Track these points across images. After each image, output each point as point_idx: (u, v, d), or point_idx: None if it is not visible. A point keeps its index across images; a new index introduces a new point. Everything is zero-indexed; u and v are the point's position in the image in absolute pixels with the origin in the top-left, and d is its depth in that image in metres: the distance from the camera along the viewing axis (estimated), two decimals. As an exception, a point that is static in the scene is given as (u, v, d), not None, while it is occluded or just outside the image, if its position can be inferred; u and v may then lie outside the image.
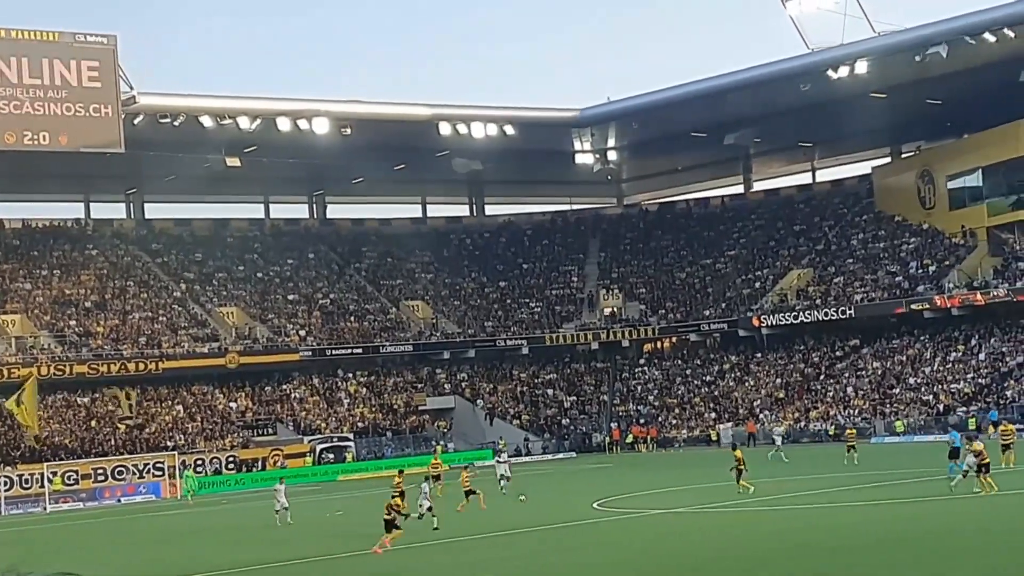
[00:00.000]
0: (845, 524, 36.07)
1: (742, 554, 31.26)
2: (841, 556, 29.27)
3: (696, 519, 41.91)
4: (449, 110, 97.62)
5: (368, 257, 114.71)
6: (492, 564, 33.25)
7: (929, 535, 32.01)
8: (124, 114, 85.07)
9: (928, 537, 31.67)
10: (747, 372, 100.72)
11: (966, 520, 35.13)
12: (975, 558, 27.55)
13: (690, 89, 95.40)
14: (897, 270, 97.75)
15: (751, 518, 40.34)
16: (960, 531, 32.63)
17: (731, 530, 37.19)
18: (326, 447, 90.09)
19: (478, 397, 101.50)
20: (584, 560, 32.48)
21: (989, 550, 28.69)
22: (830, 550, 30.45)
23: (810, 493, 47.17)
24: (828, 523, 36.89)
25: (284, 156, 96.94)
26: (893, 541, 31.25)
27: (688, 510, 44.27)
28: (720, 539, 34.99)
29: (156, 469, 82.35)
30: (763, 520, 39.52)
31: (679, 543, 34.86)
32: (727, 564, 29.67)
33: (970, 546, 29.57)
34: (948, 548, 29.55)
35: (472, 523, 43.66)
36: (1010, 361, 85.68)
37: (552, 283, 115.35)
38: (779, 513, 41.64)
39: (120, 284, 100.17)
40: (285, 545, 41.79)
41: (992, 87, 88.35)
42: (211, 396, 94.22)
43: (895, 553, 29.24)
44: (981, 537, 31.21)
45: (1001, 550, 28.46)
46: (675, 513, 43.78)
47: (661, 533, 38.07)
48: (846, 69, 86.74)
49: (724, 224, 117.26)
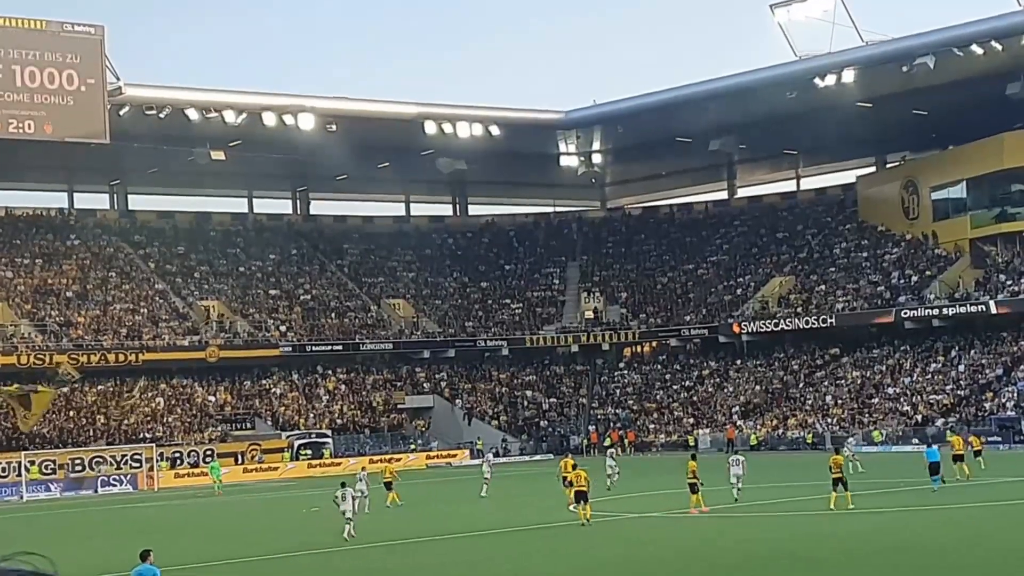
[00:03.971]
0: (819, 533, 36.10)
1: (713, 561, 31.27)
2: (815, 565, 29.30)
3: (670, 524, 41.92)
4: (434, 109, 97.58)
5: (350, 254, 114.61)
6: (459, 566, 33.19)
7: (904, 546, 32.03)
8: (110, 105, 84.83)
9: (902, 549, 31.69)
10: (726, 378, 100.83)
11: (943, 531, 35.19)
12: (951, 570, 27.61)
13: (676, 94, 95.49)
14: (879, 280, 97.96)
15: (723, 525, 40.35)
16: (937, 542, 32.68)
17: (703, 536, 37.19)
18: (304, 443, 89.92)
19: (457, 397, 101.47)
20: (553, 565, 32.45)
21: (966, 562, 28.74)
22: (804, 559, 30.48)
23: (785, 501, 47.18)
24: (802, 532, 36.92)
25: (269, 151, 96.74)
26: (866, 551, 31.28)
27: (662, 515, 44.27)
28: (692, 545, 34.99)
29: (133, 461, 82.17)
30: (735, 527, 39.54)
31: (651, 548, 34.84)
32: (698, 570, 29.67)
33: (945, 559, 29.63)
34: (924, 559, 29.58)
35: (439, 524, 43.61)
36: (989, 374, 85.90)
37: (533, 285, 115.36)
38: (751, 520, 41.68)
39: (102, 275, 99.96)
40: (256, 541, 41.70)
41: (978, 99, 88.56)
42: (190, 389, 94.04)
43: (867, 564, 29.29)
44: (958, 548, 31.28)
45: (980, 562, 28.51)
46: (649, 517, 43.80)
47: (634, 538, 38.05)
48: (833, 78, 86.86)
49: (707, 230, 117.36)
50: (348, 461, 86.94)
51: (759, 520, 41.68)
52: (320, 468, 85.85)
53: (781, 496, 48.94)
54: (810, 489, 50.68)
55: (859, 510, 41.19)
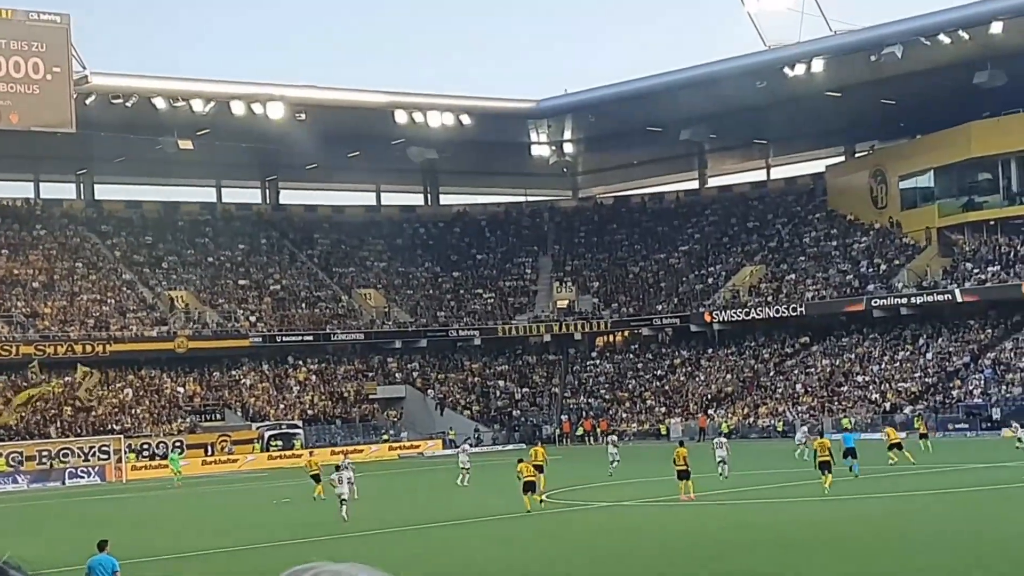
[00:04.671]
0: (789, 520, 36.13)
1: (685, 548, 31.26)
2: (790, 551, 29.31)
3: (642, 512, 41.93)
4: (405, 98, 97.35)
5: (321, 244, 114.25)
6: (434, 555, 33.09)
7: (871, 531, 32.08)
8: (76, 94, 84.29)
9: (869, 533, 31.74)
10: (698, 367, 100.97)
11: (913, 518, 35.28)
12: (918, 554, 27.67)
13: (647, 84, 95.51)
14: (848, 269, 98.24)
15: (696, 512, 40.36)
16: (908, 529, 32.75)
17: (676, 524, 37.21)
18: (274, 434, 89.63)
19: (429, 387, 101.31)
20: (527, 553, 32.38)
21: (926, 545, 28.81)
22: (776, 545, 30.47)
23: (756, 488, 47.25)
24: (773, 519, 36.94)
25: (237, 140, 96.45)
26: (833, 537, 31.33)
27: (635, 503, 44.27)
28: (664, 533, 34.98)
29: (101, 452, 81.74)
30: (708, 515, 39.55)
31: (624, 536, 34.79)
32: (671, 558, 29.66)
33: (910, 543, 29.69)
34: (891, 544, 29.61)
35: (419, 513, 43.52)
36: (956, 361, 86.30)
37: (505, 274, 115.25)
38: (723, 509, 41.75)
39: (69, 265, 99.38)
40: (226, 533, 41.52)
41: (946, 89, 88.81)
42: (159, 380, 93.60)
43: (835, 549, 29.34)
44: (914, 534, 31.37)
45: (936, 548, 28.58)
46: (622, 506, 43.80)
47: (607, 526, 38.02)
48: (802, 67, 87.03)
49: (678, 219, 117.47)
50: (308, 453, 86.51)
51: (743, 507, 41.73)
52: (282, 459, 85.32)
53: (759, 483, 48.96)
54: (785, 476, 50.84)
55: (837, 496, 41.30)
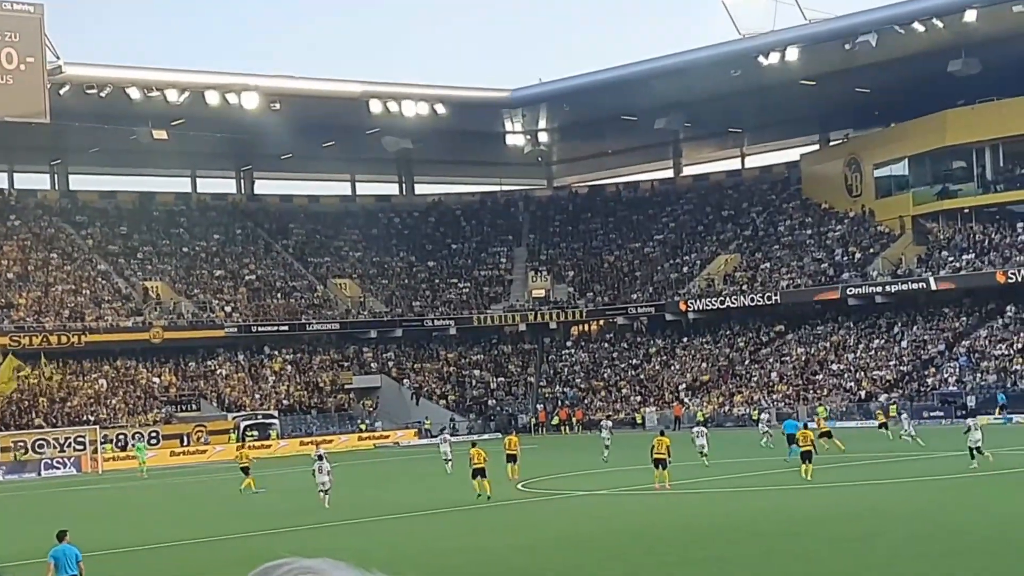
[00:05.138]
0: (763, 509, 36.28)
1: (661, 536, 31.35)
2: (762, 539, 29.42)
3: (617, 501, 42.01)
4: (380, 87, 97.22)
5: (296, 234, 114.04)
6: (412, 544, 33.13)
7: (846, 519, 32.22)
8: (50, 84, 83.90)
9: (841, 521, 31.87)
10: (673, 356, 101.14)
11: (889, 506, 35.45)
12: (885, 543, 27.79)
13: (621, 72, 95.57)
14: (823, 257, 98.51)
15: (671, 501, 40.48)
16: (884, 516, 32.90)
17: (651, 513, 37.31)
18: (250, 424, 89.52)
19: (404, 377, 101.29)
20: (503, 542, 32.45)
21: (900, 535, 28.95)
22: (751, 533, 30.58)
23: (731, 477, 47.39)
24: (747, 507, 37.08)
25: (212, 130, 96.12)
26: (806, 526, 31.47)
27: (610, 492, 44.36)
28: (639, 521, 35.06)
29: (77, 443, 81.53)
30: (683, 503, 39.68)
31: (599, 525, 34.89)
32: (646, 546, 29.74)
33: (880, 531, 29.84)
34: (867, 532, 29.75)
35: (395, 502, 43.54)
36: (931, 349, 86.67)
37: (481, 264, 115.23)
38: (698, 497, 41.88)
39: (43, 256, 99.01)
40: (200, 523, 41.49)
41: (920, 77, 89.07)
42: (134, 371, 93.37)
43: (809, 539, 29.48)
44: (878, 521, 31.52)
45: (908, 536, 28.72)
46: (597, 495, 43.89)
47: (582, 515, 38.10)
48: (776, 56, 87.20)
49: (653, 208, 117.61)
50: (279, 443, 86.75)
51: (720, 495, 41.86)
52: (251, 450, 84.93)
53: (735, 472, 49.11)
54: (761, 464, 51.02)
55: (816, 484, 41.49)
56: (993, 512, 32.31)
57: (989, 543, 26.90)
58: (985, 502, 34.82)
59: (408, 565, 26.91)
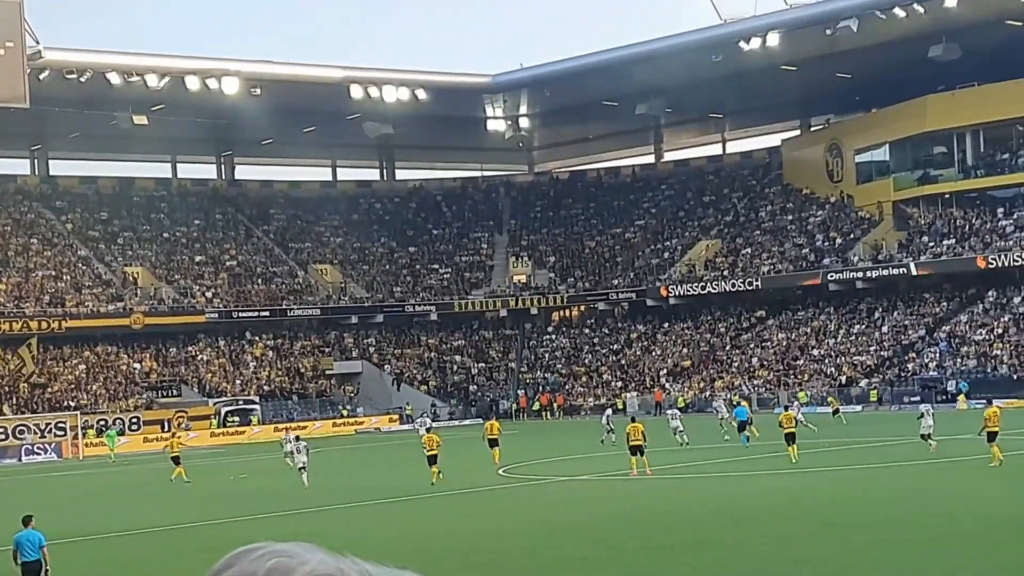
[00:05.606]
0: (742, 494, 36.36)
1: (641, 522, 31.39)
2: (746, 524, 29.48)
3: (598, 487, 42.05)
4: (361, 73, 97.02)
5: (277, 219, 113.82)
6: (391, 529, 33.14)
7: (828, 504, 32.32)
8: (29, 69, 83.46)
9: (825, 506, 31.97)
10: (654, 341, 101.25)
11: (867, 491, 35.56)
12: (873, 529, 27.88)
13: (602, 58, 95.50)
14: (804, 242, 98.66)
15: (652, 487, 40.54)
16: (862, 500, 33.02)
17: (632, 498, 37.34)
18: (231, 410, 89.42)
19: (385, 362, 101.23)
20: (485, 527, 32.47)
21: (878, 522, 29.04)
22: (734, 518, 30.64)
23: (711, 463, 47.47)
24: (730, 492, 37.16)
25: (192, 115, 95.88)
26: (790, 510, 31.55)
27: (591, 478, 44.40)
28: (620, 507, 35.09)
29: (58, 429, 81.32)
30: (664, 489, 39.75)
31: (579, 510, 34.91)
32: (627, 531, 29.76)
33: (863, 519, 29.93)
34: (851, 517, 29.84)
35: (377, 488, 43.53)
36: (912, 334, 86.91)
37: (462, 249, 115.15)
38: (679, 482, 41.96)
39: (23, 241, 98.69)
40: (180, 508, 41.42)
41: (901, 62, 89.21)
42: (115, 356, 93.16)
43: (787, 523, 29.56)
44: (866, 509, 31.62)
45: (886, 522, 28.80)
46: (578, 480, 43.93)
47: (563, 500, 38.13)
48: (758, 41, 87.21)
49: (634, 194, 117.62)
50: (252, 430, 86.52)
51: (699, 480, 41.96)
52: (224, 436, 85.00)
53: (715, 457, 49.21)
54: (740, 449, 51.14)
55: (800, 469, 41.60)
56: (974, 497, 32.41)
57: (973, 529, 27.00)
58: (968, 488, 34.92)
59: (385, 552, 26.84)
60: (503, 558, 27.18)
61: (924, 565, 23.45)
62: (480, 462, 50.52)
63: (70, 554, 30.67)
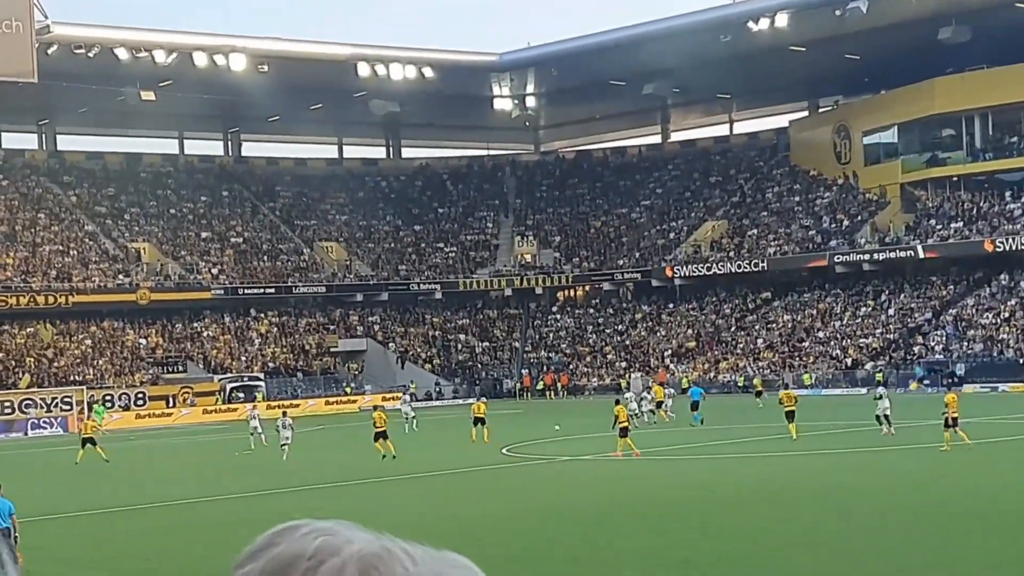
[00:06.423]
0: (748, 476, 36.32)
1: (644, 502, 31.40)
2: (746, 507, 29.50)
3: (601, 467, 42.07)
4: (368, 50, 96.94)
5: (283, 196, 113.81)
6: (393, 509, 33.13)
7: (828, 487, 32.32)
8: (38, 44, 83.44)
9: (826, 489, 31.98)
10: (659, 322, 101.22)
11: (870, 475, 35.57)
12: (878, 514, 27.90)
13: (610, 37, 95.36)
14: (811, 224, 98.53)
15: (655, 467, 40.57)
16: (870, 484, 33.02)
17: (635, 478, 37.37)
18: (236, 386, 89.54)
19: (390, 340, 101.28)
20: (487, 507, 32.48)
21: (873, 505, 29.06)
22: (734, 501, 30.65)
23: (716, 444, 47.46)
24: (731, 474, 37.14)
25: (199, 92, 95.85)
26: (792, 494, 31.57)
27: (594, 458, 44.42)
28: (624, 487, 35.10)
29: (64, 403, 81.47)
30: (668, 470, 39.80)
31: (583, 490, 34.93)
32: (630, 511, 29.78)
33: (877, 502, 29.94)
34: (846, 500, 29.85)
35: (379, 466, 43.56)
36: (918, 317, 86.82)
37: (467, 228, 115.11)
38: (683, 464, 41.96)
39: (31, 216, 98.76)
40: (182, 484, 41.49)
41: (910, 44, 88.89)
42: (121, 332, 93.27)
43: (788, 506, 29.57)
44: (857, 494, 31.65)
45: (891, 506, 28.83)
46: (581, 460, 43.94)
47: (566, 480, 38.16)
48: (766, 21, 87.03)
49: (640, 174, 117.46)
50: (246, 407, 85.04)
51: (699, 463, 41.94)
52: (217, 414, 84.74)
53: (720, 439, 49.21)
54: (748, 431, 51.16)
55: (788, 453, 41.62)
56: (969, 485, 32.43)
57: (969, 514, 27.02)
58: (959, 472, 34.93)
59: (387, 530, 26.83)
60: (508, 538, 27.16)
61: (925, 551, 23.44)
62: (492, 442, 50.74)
63: (69, 528, 30.73)
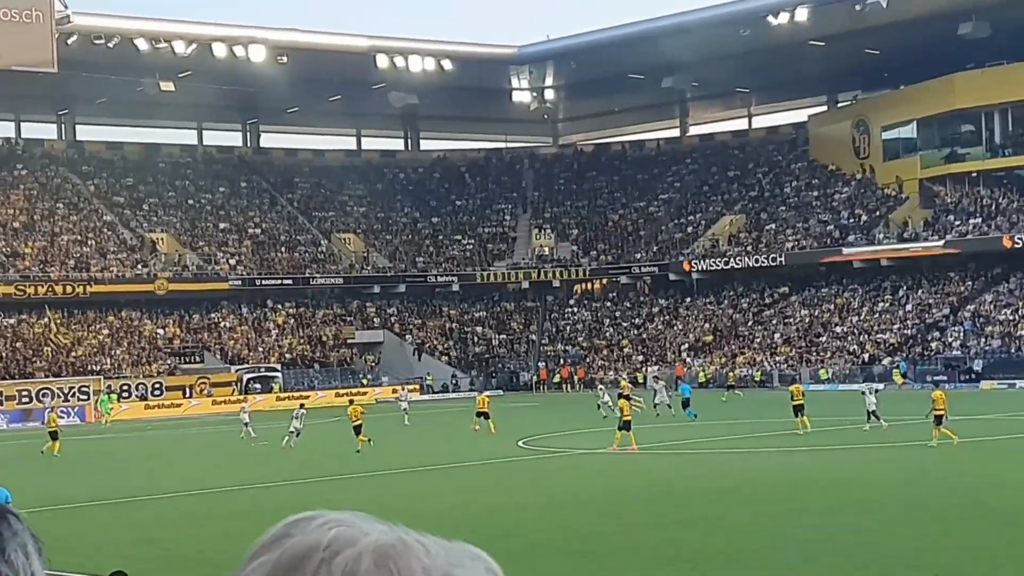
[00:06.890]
0: (762, 469, 36.33)
1: (659, 495, 31.44)
2: (756, 501, 29.51)
3: (617, 460, 42.10)
4: (387, 42, 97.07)
5: (301, 188, 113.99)
6: (410, 500, 33.22)
7: (839, 482, 32.31)
8: (58, 34, 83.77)
9: (840, 482, 31.97)
10: (676, 316, 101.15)
11: (887, 468, 35.55)
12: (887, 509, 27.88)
13: (630, 30, 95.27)
14: (828, 219, 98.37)
15: (672, 460, 40.60)
16: (882, 478, 33.00)
17: (651, 472, 37.39)
18: (253, 377, 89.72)
19: (407, 332, 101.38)
20: (504, 499, 32.54)
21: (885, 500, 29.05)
22: (745, 494, 30.66)
23: (731, 438, 47.51)
24: (746, 468, 37.13)
25: (218, 83, 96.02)
26: (803, 487, 31.58)
27: (585, 452, 44.42)
28: (639, 480, 35.14)
29: (81, 393, 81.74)
30: (684, 462, 39.81)
31: (599, 483, 34.98)
32: (645, 505, 29.83)
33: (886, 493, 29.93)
34: (859, 493, 29.84)
35: (397, 458, 43.65)
36: (936, 313, 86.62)
37: (485, 221, 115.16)
38: (699, 457, 41.97)
39: (49, 206, 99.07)
40: (198, 474, 41.63)
41: (930, 39, 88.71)
42: (139, 322, 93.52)
43: (797, 501, 29.58)
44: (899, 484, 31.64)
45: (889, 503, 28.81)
46: (597, 454, 43.97)
47: (583, 473, 38.19)
48: (786, 16, 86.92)
49: (658, 167, 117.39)
50: (255, 398, 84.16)
51: (715, 456, 41.97)
52: (225, 405, 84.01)
53: (732, 433, 49.26)
54: (762, 426, 51.14)
55: (804, 447, 41.58)
56: (970, 478, 32.41)
57: (972, 510, 27.01)
58: (967, 467, 34.91)
59: (402, 522, 26.91)
60: (523, 530, 27.21)
61: (936, 545, 23.44)
62: (499, 432, 50.80)
63: (92, 517, 30.87)
